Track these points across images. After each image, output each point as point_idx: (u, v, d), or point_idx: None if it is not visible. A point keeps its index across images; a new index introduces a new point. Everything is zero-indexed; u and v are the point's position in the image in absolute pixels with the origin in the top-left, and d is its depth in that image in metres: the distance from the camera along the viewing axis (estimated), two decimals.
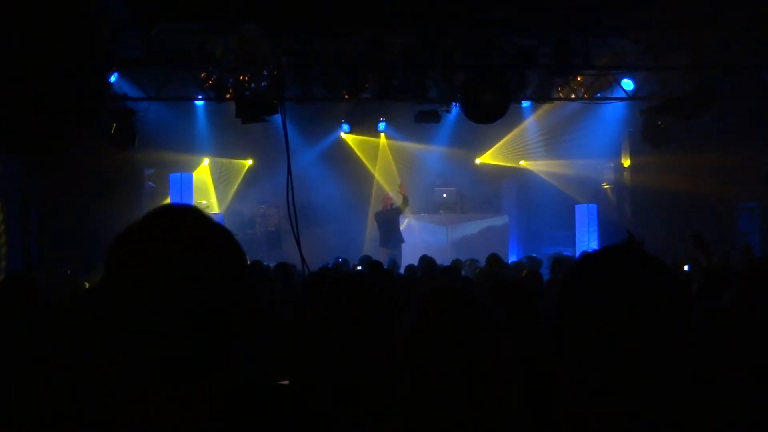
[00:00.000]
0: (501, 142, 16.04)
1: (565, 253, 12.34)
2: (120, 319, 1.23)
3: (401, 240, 13.70)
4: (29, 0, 7.37)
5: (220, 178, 16.18)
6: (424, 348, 1.82)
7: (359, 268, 9.83)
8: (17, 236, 9.84)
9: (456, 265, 9.74)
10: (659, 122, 12.77)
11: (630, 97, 12.95)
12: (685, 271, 8.02)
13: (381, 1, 9.14)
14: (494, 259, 9.11)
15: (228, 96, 11.33)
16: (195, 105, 13.96)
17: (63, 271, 9.49)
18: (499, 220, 15.55)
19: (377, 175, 16.29)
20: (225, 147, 15.30)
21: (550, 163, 15.91)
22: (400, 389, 1.82)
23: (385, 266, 10.16)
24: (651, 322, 1.38)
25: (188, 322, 1.22)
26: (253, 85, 10.31)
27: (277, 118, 9.77)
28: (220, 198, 15.93)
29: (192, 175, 14.91)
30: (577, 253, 13.46)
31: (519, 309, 2.81)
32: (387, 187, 15.58)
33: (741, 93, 12.03)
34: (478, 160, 16.55)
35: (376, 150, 16.34)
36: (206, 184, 15.60)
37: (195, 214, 1.31)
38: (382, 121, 15.64)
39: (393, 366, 1.86)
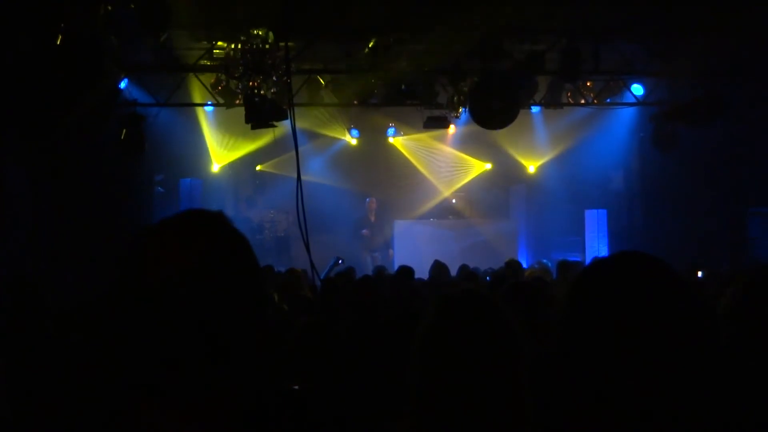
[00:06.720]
0: (510, 148, 15.99)
1: (575, 259, 12.26)
2: (131, 324, 1.22)
3: (388, 246, 14.55)
4: (39, 7, 7.42)
5: (228, 183, 16.21)
6: (437, 350, 1.82)
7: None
8: (25, 241, 9.86)
9: (465, 270, 9.72)
10: (669, 128, 12.71)
11: (639, 102, 12.91)
12: (699, 278, 7.97)
13: (390, 6, 9.14)
14: (512, 264, 9.12)
15: (237, 101, 11.37)
16: (205, 110, 14.02)
17: (69, 277, 9.49)
18: (508, 226, 15.50)
19: (386, 180, 16.28)
20: (233, 152, 15.37)
21: (559, 169, 15.84)
22: (411, 389, 1.81)
23: (371, 271, 10.43)
24: (662, 329, 1.36)
25: (201, 331, 1.21)
26: (262, 91, 10.34)
27: (287, 123, 9.79)
28: (229, 203, 15.94)
29: (201, 181, 14.95)
30: (587, 259, 13.40)
31: (530, 310, 2.81)
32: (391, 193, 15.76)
33: (752, 99, 11.95)
34: (487, 166, 16.51)
35: (384, 155, 16.32)
36: (216, 190, 15.61)
37: (217, 220, 1.31)
38: (391, 126, 15.65)
39: (406, 369, 1.85)
